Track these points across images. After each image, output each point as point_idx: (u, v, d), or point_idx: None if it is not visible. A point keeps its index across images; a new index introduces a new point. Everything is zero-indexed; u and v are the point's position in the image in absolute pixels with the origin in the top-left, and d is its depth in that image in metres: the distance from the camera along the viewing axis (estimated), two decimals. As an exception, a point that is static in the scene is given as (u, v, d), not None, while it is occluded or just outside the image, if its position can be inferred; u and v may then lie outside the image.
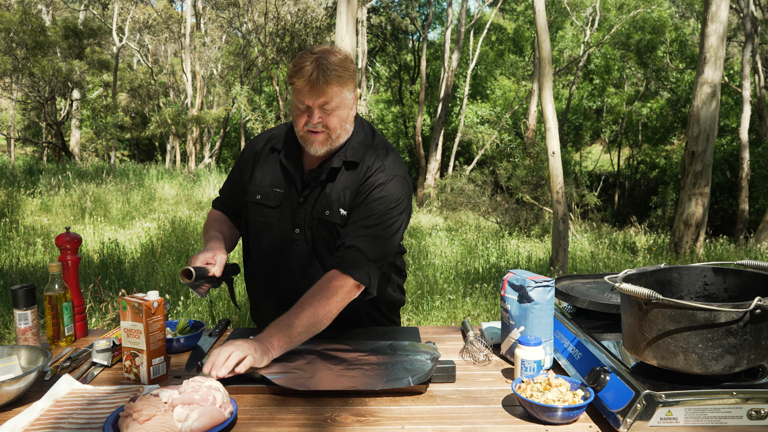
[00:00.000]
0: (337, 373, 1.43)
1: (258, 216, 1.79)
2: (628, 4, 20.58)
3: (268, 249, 1.79)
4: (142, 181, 13.67)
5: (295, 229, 1.74)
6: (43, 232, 8.52)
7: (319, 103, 1.58)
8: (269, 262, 1.80)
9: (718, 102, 8.91)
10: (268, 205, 1.77)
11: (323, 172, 1.70)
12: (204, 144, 24.09)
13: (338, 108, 1.61)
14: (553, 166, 6.88)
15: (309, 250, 1.74)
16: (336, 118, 1.62)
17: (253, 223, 1.82)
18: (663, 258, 9.14)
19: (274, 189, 1.76)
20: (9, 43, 15.37)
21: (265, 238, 1.80)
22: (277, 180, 1.77)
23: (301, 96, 1.59)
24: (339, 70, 1.57)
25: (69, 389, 1.41)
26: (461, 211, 13.85)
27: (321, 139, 1.63)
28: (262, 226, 1.79)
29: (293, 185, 1.75)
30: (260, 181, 1.79)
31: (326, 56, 1.57)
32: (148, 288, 5.69)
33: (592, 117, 25.67)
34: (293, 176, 1.74)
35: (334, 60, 1.57)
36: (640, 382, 1.19)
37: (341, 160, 1.70)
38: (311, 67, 1.55)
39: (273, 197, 1.76)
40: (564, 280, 1.88)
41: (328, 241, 1.72)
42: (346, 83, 1.60)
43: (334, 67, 1.56)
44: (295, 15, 19.49)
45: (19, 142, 24.66)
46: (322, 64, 1.55)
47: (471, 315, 5.27)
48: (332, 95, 1.58)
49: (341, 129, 1.65)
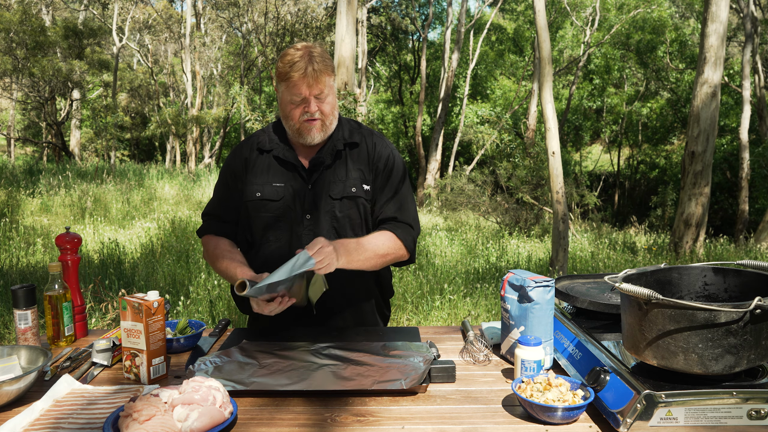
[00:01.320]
0: (331, 374, 1.43)
1: (263, 212, 1.82)
2: (628, 4, 20.58)
3: (277, 242, 1.82)
4: (142, 181, 13.67)
5: (306, 215, 1.80)
6: (43, 232, 8.53)
7: (315, 93, 1.70)
8: (280, 255, 1.81)
9: (718, 102, 8.91)
10: (271, 200, 1.81)
11: (326, 157, 1.80)
12: (204, 144, 24.09)
13: (329, 96, 1.75)
14: (553, 166, 6.89)
15: (323, 232, 1.80)
16: (328, 106, 1.75)
17: (258, 222, 1.83)
18: (663, 258, 9.14)
19: (273, 184, 1.82)
20: (9, 43, 15.37)
21: (273, 233, 1.82)
22: (275, 176, 1.82)
23: (297, 89, 1.70)
24: (326, 60, 1.72)
25: (69, 389, 1.41)
26: (461, 211, 13.85)
27: (318, 126, 1.75)
28: (269, 221, 1.82)
29: (296, 175, 1.81)
30: (257, 180, 1.83)
31: (311, 50, 1.72)
32: (148, 288, 5.69)
33: (592, 117, 25.66)
34: (294, 166, 1.82)
35: (319, 51, 1.72)
36: (640, 382, 1.19)
37: (342, 143, 1.82)
38: (304, 62, 1.68)
39: (274, 192, 1.81)
40: (564, 280, 1.88)
41: (353, 216, 1.82)
42: (331, 73, 1.75)
43: (322, 58, 1.71)
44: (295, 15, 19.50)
45: (19, 142, 24.66)
46: (312, 56, 1.69)
47: (471, 315, 5.27)
48: (325, 84, 1.71)
49: (333, 116, 1.79)
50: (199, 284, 5.62)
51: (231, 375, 1.43)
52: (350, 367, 1.47)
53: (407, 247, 1.82)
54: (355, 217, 1.82)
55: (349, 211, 1.81)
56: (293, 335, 1.75)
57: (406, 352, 1.57)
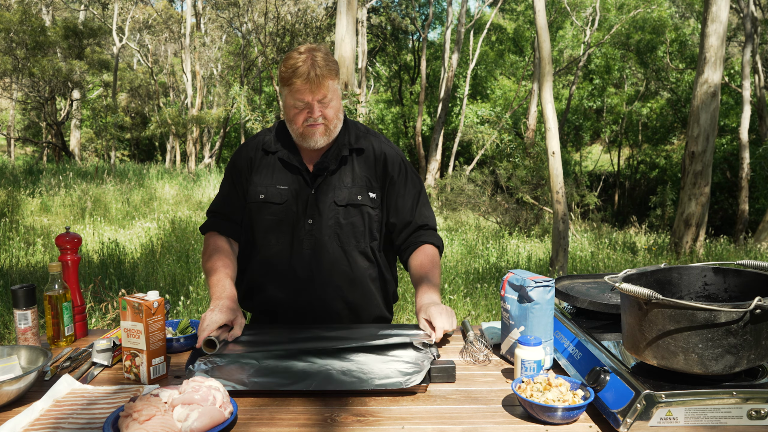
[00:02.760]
0: (331, 374, 1.43)
1: (266, 215, 1.81)
2: (628, 4, 20.58)
3: (277, 245, 1.81)
4: (142, 181, 13.68)
5: (308, 220, 1.79)
6: (43, 232, 8.53)
7: (318, 98, 1.69)
8: (281, 258, 1.81)
9: (718, 102, 8.91)
10: (274, 202, 1.80)
11: (331, 162, 1.79)
12: (204, 144, 24.09)
13: (333, 99, 1.73)
14: (553, 166, 6.89)
15: (325, 237, 1.79)
16: (332, 110, 1.74)
17: (260, 224, 1.83)
18: (663, 258, 9.14)
19: (277, 186, 1.81)
20: (9, 43, 15.37)
21: (274, 236, 1.82)
22: (279, 178, 1.81)
23: (300, 95, 1.68)
24: (330, 64, 1.70)
25: (69, 389, 1.41)
26: (461, 211, 13.85)
27: (321, 130, 1.74)
28: (271, 224, 1.81)
29: (300, 179, 1.80)
30: (261, 182, 1.82)
31: (314, 54, 1.69)
32: (148, 288, 5.69)
33: (592, 117, 25.65)
34: (299, 169, 1.80)
35: (322, 55, 1.70)
36: (640, 382, 1.19)
37: (347, 149, 1.80)
38: (306, 66, 1.66)
39: (278, 194, 1.80)
40: (564, 280, 1.88)
41: (356, 224, 1.80)
42: (335, 76, 1.73)
43: (325, 62, 1.68)
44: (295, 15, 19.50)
45: (19, 142, 24.66)
46: (315, 61, 1.67)
47: (471, 315, 5.27)
48: (328, 88, 1.70)
49: (337, 119, 1.77)
50: (199, 284, 5.62)
51: (231, 375, 1.43)
52: (350, 367, 1.47)
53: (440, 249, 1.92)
54: (358, 224, 1.81)
55: (353, 218, 1.80)
56: (292, 335, 1.75)
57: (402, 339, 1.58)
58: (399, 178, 1.84)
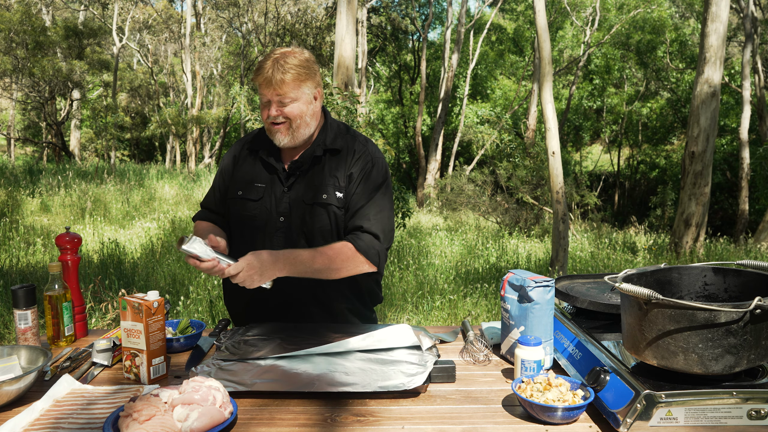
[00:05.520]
0: (332, 374, 1.43)
1: (241, 210, 1.88)
2: (628, 4, 20.57)
3: (251, 240, 1.87)
4: (142, 181, 13.68)
5: (280, 217, 1.84)
6: (43, 232, 8.53)
7: (277, 96, 1.76)
8: None
9: (718, 102, 8.91)
10: (250, 199, 1.87)
11: (305, 162, 1.84)
12: (204, 144, 24.10)
13: (295, 101, 1.78)
14: (553, 166, 6.89)
15: (294, 236, 1.83)
16: (294, 110, 1.78)
17: (236, 218, 1.91)
18: (663, 258, 9.14)
19: (255, 184, 1.88)
20: (9, 43, 15.37)
21: (248, 231, 1.88)
22: (258, 175, 1.89)
23: (262, 90, 1.78)
24: (296, 68, 1.76)
25: (69, 389, 1.41)
26: (461, 211, 13.85)
27: (282, 129, 1.80)
28: (245, 219, 1.88)
29: (276, 177, 1.87)
30: (241, 178, 1.91)
31: (285, 57, 1.77)
32: (148, 288, 5.70)
33: (592, 117, 25.66)
34: (275, 168, 1.87)
35: (292, 60, 1.77)
36: (640, 382, 1.19)
37: (321, 149, 1.85)
38: (268, 66, 1.75)
39: (254, 191, 1.87)
40: (564, 280, 1.88)
41: (322, 223, 1.82)
42: (303, 80, 1.78)
43: (290, 66, 1.75)
44: (295, 15, 19.50)
45: (19, 142, 24.65)
46: (278, 63, 1.75)
47: (471, 315, 5.27)
48: (287, 90, 1.75)
49: (301, 120, 1.80)
50: (199, 284, 5.63)
51: (233, 376, 1.43)
52: (351, 367, 1.47)
53: (370, 259, 1.77)
54: (325, 224, 1.82)
55: (320, 217, 1.81)
56: (293, 335, 1.75)
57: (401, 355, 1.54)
58: (359, 176, 1.84)
